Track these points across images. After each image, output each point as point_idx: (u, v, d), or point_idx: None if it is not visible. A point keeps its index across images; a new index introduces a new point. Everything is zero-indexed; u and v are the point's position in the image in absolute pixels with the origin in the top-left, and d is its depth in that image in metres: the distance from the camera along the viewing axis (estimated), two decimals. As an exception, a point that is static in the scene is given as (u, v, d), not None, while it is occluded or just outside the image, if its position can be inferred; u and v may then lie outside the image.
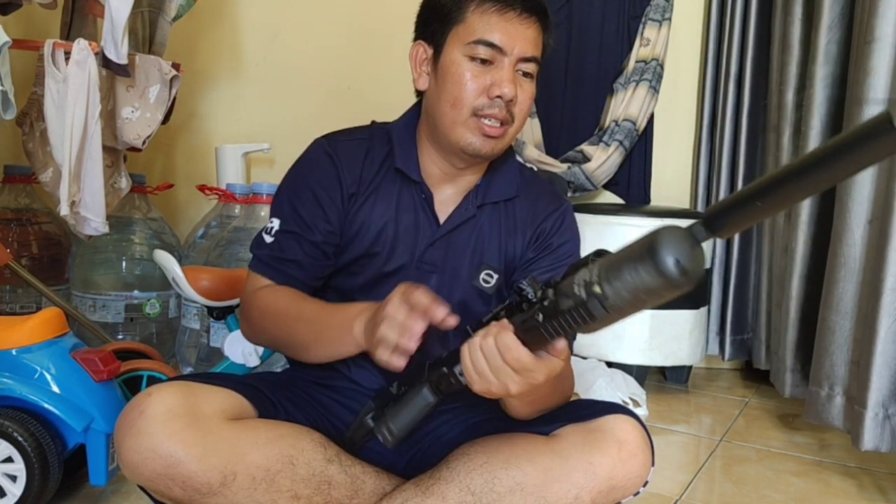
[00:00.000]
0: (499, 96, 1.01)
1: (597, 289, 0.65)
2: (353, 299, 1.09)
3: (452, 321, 0.86)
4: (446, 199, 1.11)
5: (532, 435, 0.97)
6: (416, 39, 1.11)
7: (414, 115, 1.14)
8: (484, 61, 1.02)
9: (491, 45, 1.01)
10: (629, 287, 0.63)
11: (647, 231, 0.62)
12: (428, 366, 0.94)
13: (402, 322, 0.86)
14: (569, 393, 1.05)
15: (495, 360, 0.78)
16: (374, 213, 1.09)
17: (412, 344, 0.86)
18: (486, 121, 1.02)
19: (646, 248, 0.61)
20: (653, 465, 0.97)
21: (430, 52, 1.07)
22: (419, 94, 1.12)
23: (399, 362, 0.87)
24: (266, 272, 1.09)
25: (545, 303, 0.74)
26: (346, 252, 1.10)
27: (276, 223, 1.10)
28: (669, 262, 0.59)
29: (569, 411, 1.00)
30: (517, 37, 1.02)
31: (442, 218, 1.10)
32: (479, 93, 1.02)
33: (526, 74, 1.05)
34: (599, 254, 0.71)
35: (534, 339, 0.76)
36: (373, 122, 1.17)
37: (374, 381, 1.08)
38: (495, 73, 1.02)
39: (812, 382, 1.72)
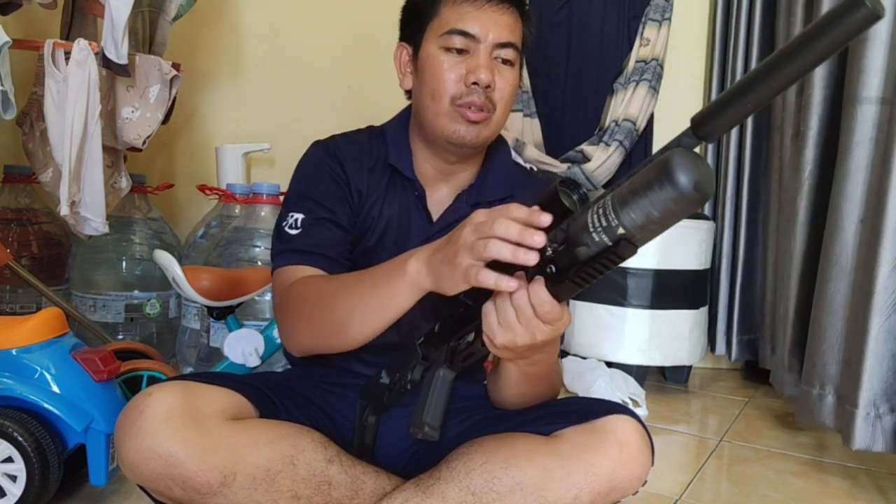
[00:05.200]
0: (475, 83, 1.01)
1: (621, 231, 0.66)
2: None
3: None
4: (441, 197, 1.12)
5: (532, 435, 0.97)
6: (399, 42, 1.12)
7: (406, 115, 1.15)
8: (460, 51, 1.03)
9: (464, 33, 1.02)
10: (651, 219, 0.64)
11: (655, 160, 0.64)
12: (421, 344, 0.95)
13: (517, 233, 0.75)
14: (558, 384, 1.06)
15: (526, 313, 0.77)
16: (378, 213, 1.10)
17: (532, 257, 0.75)
18: (467, 108, 1.03)
19: (662, 175, 0.62)
20: (652, 464, 0.98)
21: (410, 51, 1.09)
22: (409, 94, 1.13)
23: (512, 284, 0.77)
24: (295, 259, 1.05)
25: (557, 254, 0.74)
26: (355, 250, 1.10)
27: (298, 216, 1.06)
28: (688, 184, 0.61)
29: (570, 412, 1.00)
30: (490, 24, 1.03)
31: (435, 216, 1.11)
32: (457, 81, 1.03)
33: (505, 62, 1.05)
34: (584, 197, 0.74)
35: (562, 290, 0.76)
36: (369, 127, 1.18)
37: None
38: (471, 60, 1.03)
39: (804, 382, 1.72)
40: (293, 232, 1.07)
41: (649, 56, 2.37)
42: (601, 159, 2.36)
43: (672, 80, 2.44)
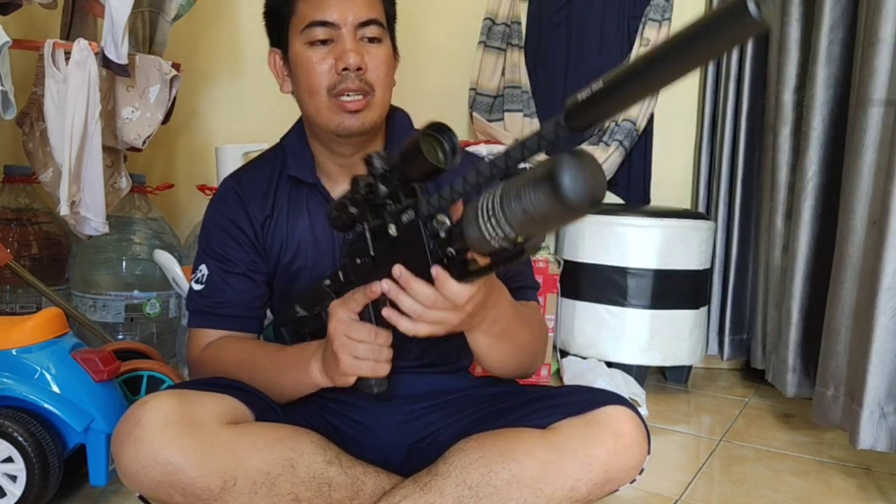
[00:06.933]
0: (346, 68, 1.02)
1: (520, 239, 0.66)
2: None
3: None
4: None
5: (529, 429, 0.97)
6: (270, 48, 1.13)
7: (303, 121, 1.15)
8: (325, 41, 1.03)
9: (323, 23, 1.03)
10: (547, 226, 0.64)
11: (543, 165, 0.61)
12: (329, 287, 0.96)
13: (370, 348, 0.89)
14: (541, 328, 1.07)
15: (440, 305, 0.80)
16: (289, 228, 1.11)
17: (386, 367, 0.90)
18: (345, 97, 1.03)
19: (549, 189, 0.59)
20: (648, 453, 0.98)
21: (281, 54, 1.10)
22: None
23: (386, 370, 0.91)
24: (205, 322, 1.12)
25: (452, 234, 0.74)
26: (277, 273, 1.12)
27: (203, 269, 1.12)
28: (579, 198, 0.59)
29: (566, 403, 1.00)
30: (345, 7, 1.03)
31: None
32: (328, 72, 1.03)
33: (372, 39, 1.05)
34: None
35: (475, 278, 0.77)
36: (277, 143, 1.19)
37: None
38: (336, 48, 1.03)
39: (819, 383, 1.72)
40: (198, 288, 1.12)
41: (649, 56, 2.37)
42: (601, 159, 2.36)
43: (672, 79, 2.44)
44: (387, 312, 0.84)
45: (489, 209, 0.65)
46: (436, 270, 0.76)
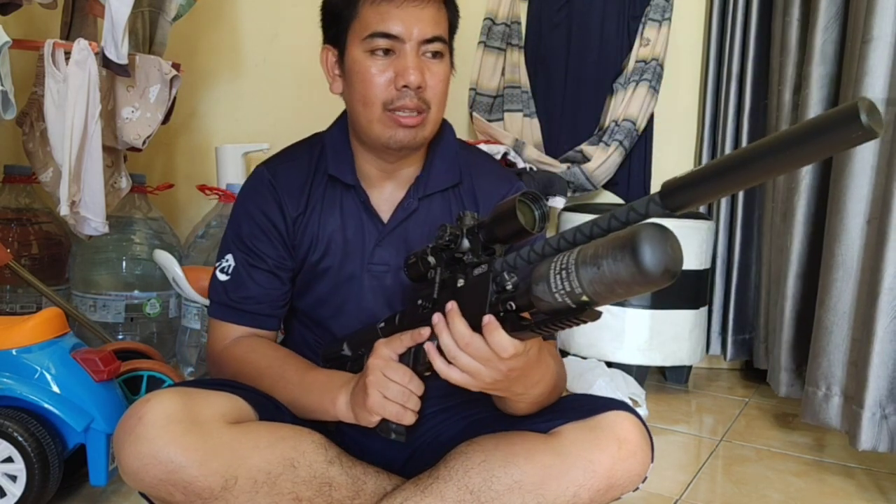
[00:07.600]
0: (405, 86, 0.99)
1: (584, 298, 0.65)
2: (311, 313, 1.12)
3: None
4: (389, 196, 1.10)
5: (531, 433, 0.97)
6: (323, 44, 1.10)
7: (346, 118, 1.13)
8: (386, 52, 1.00)
9: (387, 35, 0.99)
10: (615, 292, 0.63)
11: (625, 231, 0.62)
12: (382, 329, 0.96)
13: (403, 390, 0.88)
14: (563, 385, 1.05)
15: (483, 355, 0.78)
16: (321, 226, 1.09)
17: (412, 414, 0.89)
18: (401, 112, 1.01)
19: (629, 255, 0.60)
20: (651, 461, 0.98)
21: (336, 54, 1.07)
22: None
23: (411, 419, 0.89)
24: (227, 316, 1.10)
25: (518, 291, 0.74)
26: (302, 269, 1.11)
27: (229, 258, 1.10)
28: (656, 268, 0.59)
29: (568, 408, 0.99)
30: (412, 21, 0.99)
31: (386, 216, 1.09)
32: (386, 86, 1.00)
33: (435, 54, 1.02)
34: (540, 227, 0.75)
35: (524, 335, 0.76)
36: (314, 135, 1.17)
37: None
38: (398, 62, 1.00)
39: (808, 383, 1.72)
40: (223, 278, 1.10)
41: (649, 56, 2.37)
42: (601, 159, 2.36)
43: (672, 80, 2.44)
44: (428, 346, 0.83)
45: (563, 263, 0.66)
46: (487, 318, 0.76)
